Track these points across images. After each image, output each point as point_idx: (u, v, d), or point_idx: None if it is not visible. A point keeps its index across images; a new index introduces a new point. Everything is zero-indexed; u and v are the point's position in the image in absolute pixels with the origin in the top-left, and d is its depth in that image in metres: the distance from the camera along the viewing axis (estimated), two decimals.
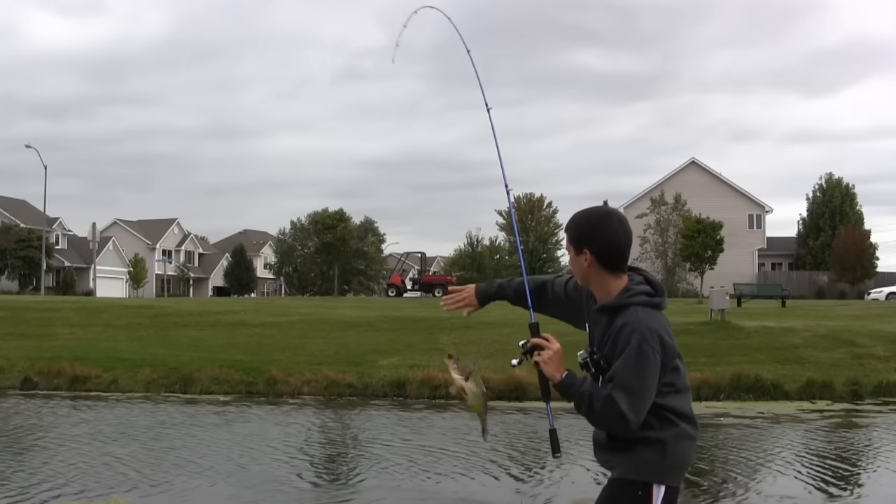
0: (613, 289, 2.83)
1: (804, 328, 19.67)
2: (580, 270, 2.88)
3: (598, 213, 2.90)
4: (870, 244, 51.92)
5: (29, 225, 66.00)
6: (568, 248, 2.93)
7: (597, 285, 2.86)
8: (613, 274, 2.83)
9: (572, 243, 2.90)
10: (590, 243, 2.83)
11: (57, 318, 23.73)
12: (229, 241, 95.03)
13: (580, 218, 2.91)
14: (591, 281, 2.87)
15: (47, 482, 8.21)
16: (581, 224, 2.89)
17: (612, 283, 2.84)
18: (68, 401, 14.97)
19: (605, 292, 2.84)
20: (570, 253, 2.90)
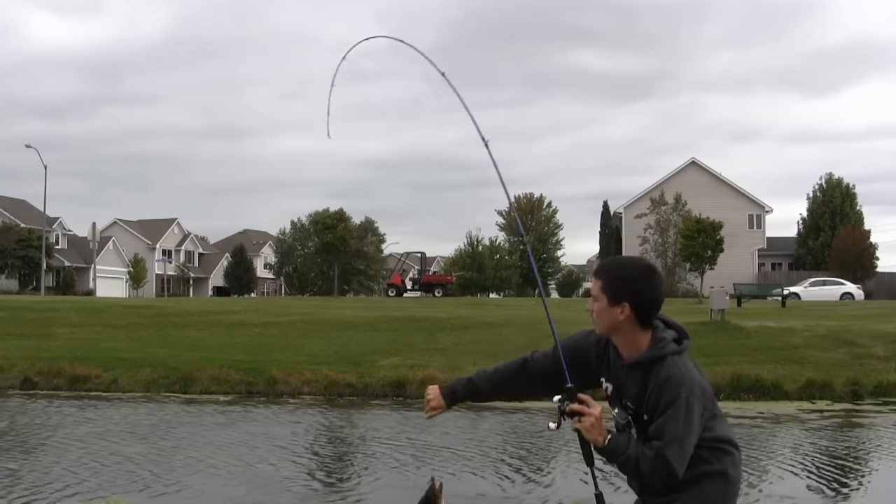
0: (643, 342, 2.75)
1: (804, 328, 19.68)
2: (611, 322, 2.75)
3: (642, 267, 2.82)
4: (870, 244, 51.93)
5: (29, 225, 66.00)
6: (598, 296, 2.77)
7: (626, 339, 2.76)
8: (646, 329, 2.76)
9: (607, 293, 2.75)
10: (631, 297, 2.72)
11: (57, 318, 23.73)
12: (229, 240, 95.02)
13: (621, 269, 2.80)
14: (621, 334, 2.76)
15: (59, 482, 8.21)
16: (623, 275, 2.76)
17: (643, 337, 2.75)
18: (71, 401, 14.96)
19: (633, 346, 2.76)
20: (601, 302, 2.75)
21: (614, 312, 2.73)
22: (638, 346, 2.75)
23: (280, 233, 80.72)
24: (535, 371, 2.96)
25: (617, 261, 2.89)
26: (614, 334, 2.78)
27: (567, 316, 14.71)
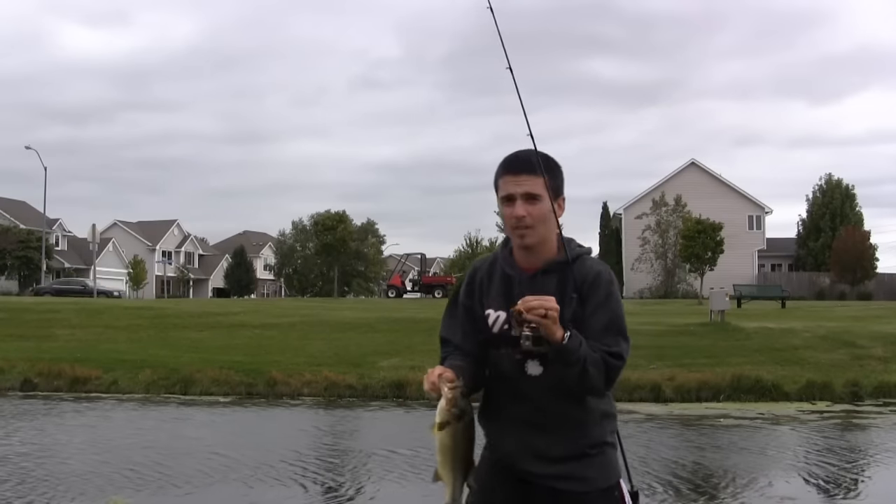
0: (556, 243, 2.55)
1: (804, 329, 19.68)
2: (552, 223, 2.51)
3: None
4: (870, 245, 51.91)
5: (29, 226, 65.99)
6: (541, 195, 2.47)
7: (545, 242, 2.52)
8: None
9: (551, 190, 2.50)
10: (563, 187, 2.60)
11: (57, 320, 23.73)
12: (229, 242, 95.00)
13: (551, 159, 2.56)
14: (547, 232, 2.51)
15: (59, 482, 8.20)
16: (557, 166, 2.57)
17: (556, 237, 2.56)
18: (71, 402, 14.96)
19: (548, 250, 2.53)
20: (545, 201, 2.48)
21: (553, 209, 2.52)
22: (552, 249, 2.54)
23: (280, 234, 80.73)
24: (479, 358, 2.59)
25: (542, 154, 2.54)
26: (544, 241, 2.52)
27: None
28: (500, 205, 2.55)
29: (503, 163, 2.55)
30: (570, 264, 2.50)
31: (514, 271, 2.56)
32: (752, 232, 57.95)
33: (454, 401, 2.34)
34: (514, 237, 2.54)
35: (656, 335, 18.57)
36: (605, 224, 58.63)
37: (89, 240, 60.34)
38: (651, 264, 52.22)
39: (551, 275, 2.51)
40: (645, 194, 57.34)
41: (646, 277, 52.35)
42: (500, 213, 2.56)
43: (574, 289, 2.47)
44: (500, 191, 2.52)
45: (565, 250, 2.54)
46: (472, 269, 2.67)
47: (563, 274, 2.50)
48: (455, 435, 2.37)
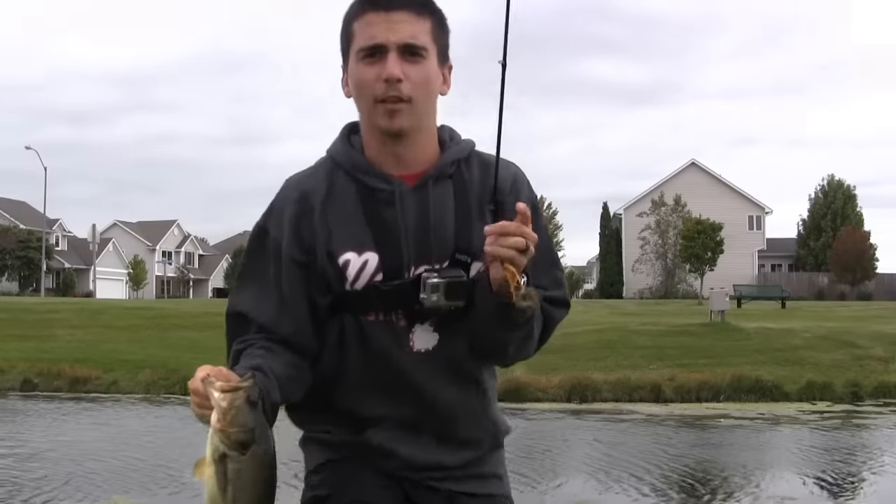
0: (435, 128, 1.71)
1: (804, 329, 19.67)
2: (432, 91, 1.64)
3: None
4: (870, 245, 51.92)
5: (29, 226, 66.01)
6: (426, 46, 1.61)
7: (424, 124, 1.65)
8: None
9: (439, 42, 1.65)
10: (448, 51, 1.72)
11: (57, 320, 23.72)
12: (229, 242, 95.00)
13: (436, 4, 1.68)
14: (429, 112, 1.66)
15: (59, 482, 8.20)
16: (443, 15, 1.69)
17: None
18: (71, 402, 14.96)
19: (424, 140, 1.65)
20: (430, 58, 1.62)
21: (440, 79, 1.67)
22: (432, 143, 1.68)
23: None
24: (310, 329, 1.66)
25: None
26: (422, 127, 1.64)
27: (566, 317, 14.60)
28: (350, 66, 1.62)
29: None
30: (466, 161, 1.67)
31: (382, 181, 1.61)
32: (752, 232, 57.95)
33: (233, 417, 1.38)
34: (374, 116, 1.59)
35: (656, 335, 18.55)
36: (606, 224, 58.61)
37: (89, 240, 60.37)
38: (651, 264, 52.22)
39: (444, 182, 1.64)
40: (645, 194, 57.35)
41: (646, 278, 52.35)
42: (351, 81, 1.63)
43: (481, 201, 1.63)
44: (358, 39, 1.59)
45: (449, 142, 1.69)
46: (291, 193, 1.65)
47: (459, 180, 1.65)
48: (234, 478, 1.39)
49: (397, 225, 1.60)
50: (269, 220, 1.67)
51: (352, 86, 1.64)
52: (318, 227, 1.62)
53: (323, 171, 1.68)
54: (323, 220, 1.62)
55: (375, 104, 1.59)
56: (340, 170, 1.66)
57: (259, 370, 1.54)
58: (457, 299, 1.58)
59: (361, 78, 1.60)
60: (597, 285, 57.88)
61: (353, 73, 1.63)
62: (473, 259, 1.60)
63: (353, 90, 1.65)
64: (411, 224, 1.61)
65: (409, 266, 1.60)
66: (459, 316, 1.60)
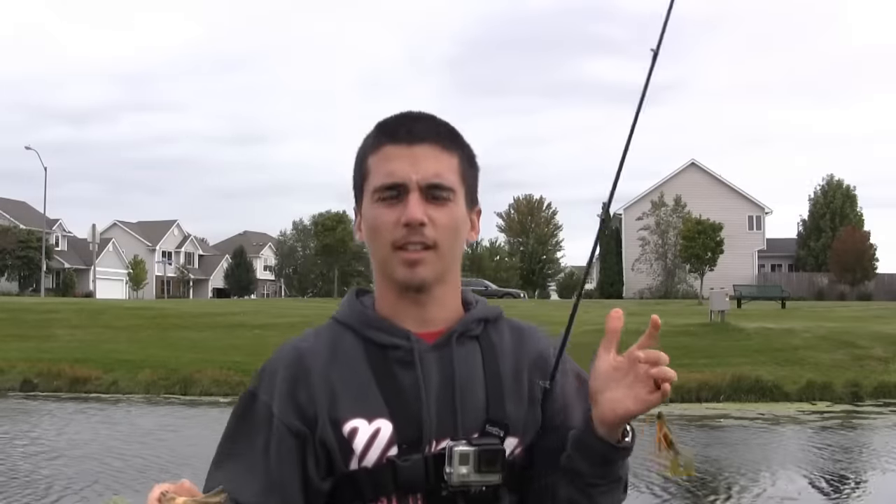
0: (459, 281, 1.45)
1: (804, 329, 19.67)
2: (458, 238, 1.38)
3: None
4: (870, 246, 51.93)
5: (29, 226, 66.03)
6: (454, 186, 1.36)
7: (449, 276, 1.39)
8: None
9: (468, 182, 1.40)
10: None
11: (57, 320, 23.73)
12: (229, 242, 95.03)
13: (462, 137, 1.46)
14: (454, 262, 1.39)
15: (60, 482, 8.21)
16: (472, 150, 1.45)
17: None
18: (71, 402, 14.96)
19: (447, 293, 1.39)
20: (458, 202, 1.37)
21: (468, 224, 1.41)
22: (455, 299, 1.42)
23: (281, 234, 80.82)
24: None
25: (446, 122, 1.44)
26: (446, 279, 1.38)
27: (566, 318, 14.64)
28: (365, 207, 1.39)
29: (383, 127, 1.40)
30: (492, 325, 1.43)
31: (397, 337, 1.36)
32: (752, 232, 57.95)
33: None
34: (392, 265, 1.35)
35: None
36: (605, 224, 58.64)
37: (89, 240, 60.40)
38: (651, 265, 52.21)
39: (469, 342, 1.39)
40: (645, 195, 57.35)
41: (646, 278, 52.34)
42: (365, 224, 1.39)
43: (517, 370, 1.39)
44: (374, 176, 1.37)
45: (474, 303, 1.45)
46: (286, 354, 1.39)
47: (487, 342, 1.41)
48: None
49: (417, 388, 1.33)
50: (260, 385, 1.39)
51: (366, 229, 1.40)
52: (319, 389, 1.33)
53: (326, 332, 1.42)
54: (324, 381, 1.34)
55: (394, 251, 1.35)
56: (348, 330, 1.40)
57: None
58: (491, 473, 1.29)
59: (378, 221, 1.36)
60: (597, 285, 57.84)
61: (367, 216, 1.38)
62: (507, 433, 1.33)
63: (366, 235, 1.40)
64: (433, 388, 1.34)
65: (430, 438, 1.31)
66: (492, 498, 1.30)
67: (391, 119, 1.41)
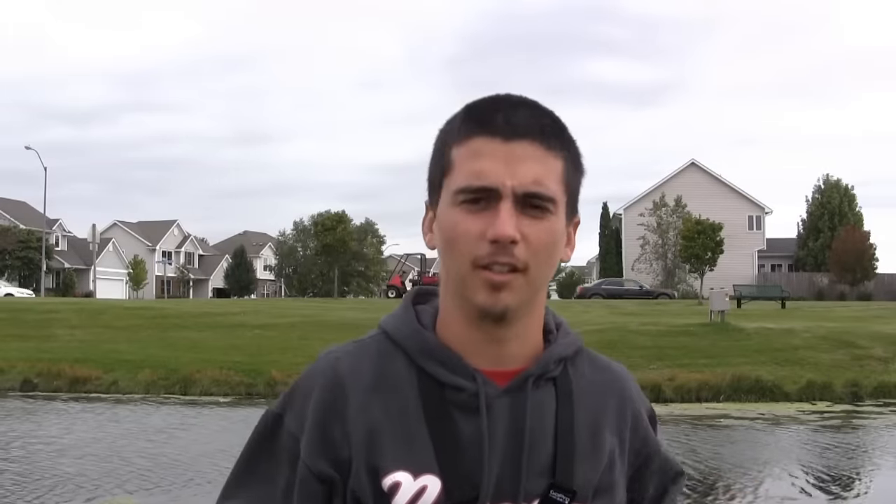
0: (543, 307, 1.20)
1: (804, 329, 19.68)
2: (553, 257, 1.13)
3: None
4: (869, 245, 51.92)
5: (29, 226, 66.04)
6: (555, 196, 1.12)
7: (535, 303, 1.15)
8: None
9: (570, 191, 1.16)
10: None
11: (57, 320, 23.72)
12: (229, 242, 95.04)
13: (569, 131, 1.20)
14: (542, 287, 1.15)
15: (61, 482, 8.21)
16: (577, 145, 1.22)
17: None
18: (71, 402, 14.96)
19: (530, 324, 1.16)
20: (559, 215, 1.13)
21: (564, 240, 1.17)
22: (537, 330, 1.18)
23: (280, 234, 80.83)
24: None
25: (556, 115, 1.20)
26: (532, 307, 1.14)
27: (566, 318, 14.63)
28: (442, 208, 1.15)
29: (473, 111, 1.15)
30: (570, 364, 1.20)
31: (463, 376, 1.12)
32: (752, 232, 57.97)
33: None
34: (470, 286, 1.10)
35: (656, 335, 18.56)
36: (606, 224, 58.66)
37: (89, 240, 60.37)
38: (651, 264, 52.23)
39: (546, 386, 1.16)
40: (645, 194, 57.38)
41: (646, 278, 52.34)
42: (439, 228, 1.15)
43: (595, 424, 1.18)
44: (458, 173, 1.12)
45: (556, 332, 1.21)
46: (323, 371, 1.15)
47: (565, 387, 1.17)
48: None
49: (479, 441, 1.09)
50: (289, 408, 1.15)
51: (440, 236, 1.14)
52: (356, 425, 1.10)
53: (374, 348, 1.19)
54: (364, 415, 1.10)
55: (474, 270, 1.09)
56: (400, 351, 1.17)
57: None
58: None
59: (457, 231, 1.10)
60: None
61: (444, 220, 1.13)
62: (574, 501, 1.11)
63: (440, 242, 1.14)
64: (498, 442, 1.10)
65: (485, 501, 1.08)
66: None
67: (485, 102, 1.15)
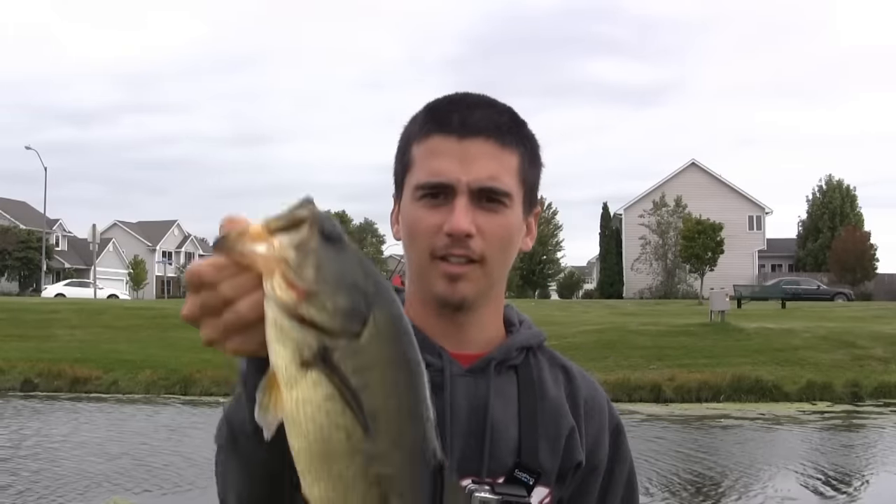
0: (503, 298, 1.26)
1: (804, 330, 19.67)
2: (510, 249, 1.18)
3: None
4: (870, 246, 51.92)
5: (29, 226, 66.05)
6: (511, 191, 1.16)
7: (493, 293, 1.21)
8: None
9: (527, 185, 1.20)
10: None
11: (57, 320, 23.71)
12: None
13: (528, 127, 1.25)
14: (501, 277, 1.21)
15: (61, 482, 8.21)
16: (536, 141, 1.25)
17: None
18: (71, 403, 14.96)
19: (490, 313, 1.22)
20: (514, 207, 1.17)
21: (523, 231, 1.22)
22: (497, 319, 1.24)
23: None
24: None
25: (510, 108, 1.24)
26: (490, 296, 1.20)
27: (566, 318, 14.73)
28: (404, 203, 1.20)
29: (432, 111, 1.20)
30: (533, 356, 1.24)
31: (431, 355, 1.15)
32: (753, 232, 57.95)
33: (317, 267, 0.73)
34: (429, 276, 1.17)
35: (656, 335, 18.56)
36: (606, 224, 58.64)
37: (89, 240, 60.36)
38: (651, 265, 52.21)
39: (508, 373, 1.21)
40: (645, 195, 57.36)
41: (646, 278, 52.34)
42: (403, 222, 1.21)
43: (556, 413, 1.20)
44: (418, 170, 1.17)
45: (518, 325, 1.26)
46: None
47: (527, 375, 1.21)
48: (359, 383, 0.74)
49: (442, 417, 1.11)
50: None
51: (403, 229, 1.20)
52: None
53: None
54: None
55: (432, 261, 1.15)
56: None
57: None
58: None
59: (417, 225, 1.16)
60: (597, 285, 57.89)
61: (406, 214, 1.18)
62: (538, 482, 1.14)
63: (404, 235, 1.20)
64: (461, 418, 1.15)
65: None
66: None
67: (443, 102, 1.20)
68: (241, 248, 0.74)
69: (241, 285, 0.75)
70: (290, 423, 0.74)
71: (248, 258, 0.73)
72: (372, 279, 0.77)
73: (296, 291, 0.72)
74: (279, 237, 0.74)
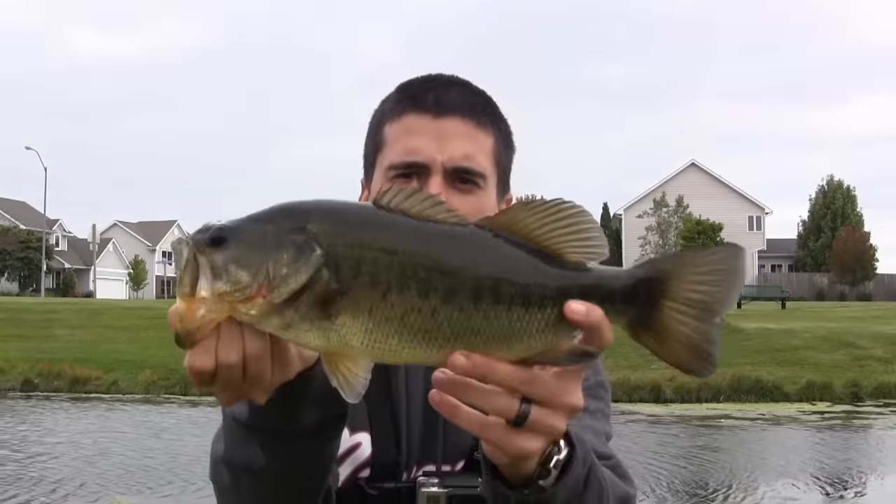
0: None
1: (804, 330, 19.68)
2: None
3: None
4: (870, 246, 51.93)
5: (29, 226, 66.05)
6: (485, 171, 1.16)
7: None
8: None
9: (500, 165, 1.20)
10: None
11: (57, 320, 23.71)
12: None
13: (499, 109, 1.24)
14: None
15: (61, 482, 8.21)
16: (508, 124, 1.25)
17: None
18: (71, 403, 14.96)
19: None
20: (488, 182, 1.17)
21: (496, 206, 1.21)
22: None
23: None
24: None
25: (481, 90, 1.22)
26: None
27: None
28: (375, 184, 1.18)
29: (406, 89, 1.19)
30: None
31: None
32: (753, 233, 57.95)
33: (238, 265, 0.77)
34: None
35: None
36: (606, 224, 58.66)
37: (89, 240, 60.43)
38: None
39: None
40: (645, 195, 57.37)
41: None
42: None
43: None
44: (390, 149, 1.17)
45: None
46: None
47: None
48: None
49: (398, 401, 1.11)
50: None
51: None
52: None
53: None
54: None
55: None
56: None
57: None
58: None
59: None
60: None
61: (374, 186, 1.14)
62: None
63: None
64: (418, 402, 1.11)
65: (410, 464, 1.11)
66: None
67: (417, 81, 1.17)
68: (195, 327, 0.73)
69: (236, 349, 0.76)
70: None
71: (206, 325, 0.73)
72: (279, 219, 0.76)
73: (256, 297, 0.73)
74: (198, 287, 0.75)
